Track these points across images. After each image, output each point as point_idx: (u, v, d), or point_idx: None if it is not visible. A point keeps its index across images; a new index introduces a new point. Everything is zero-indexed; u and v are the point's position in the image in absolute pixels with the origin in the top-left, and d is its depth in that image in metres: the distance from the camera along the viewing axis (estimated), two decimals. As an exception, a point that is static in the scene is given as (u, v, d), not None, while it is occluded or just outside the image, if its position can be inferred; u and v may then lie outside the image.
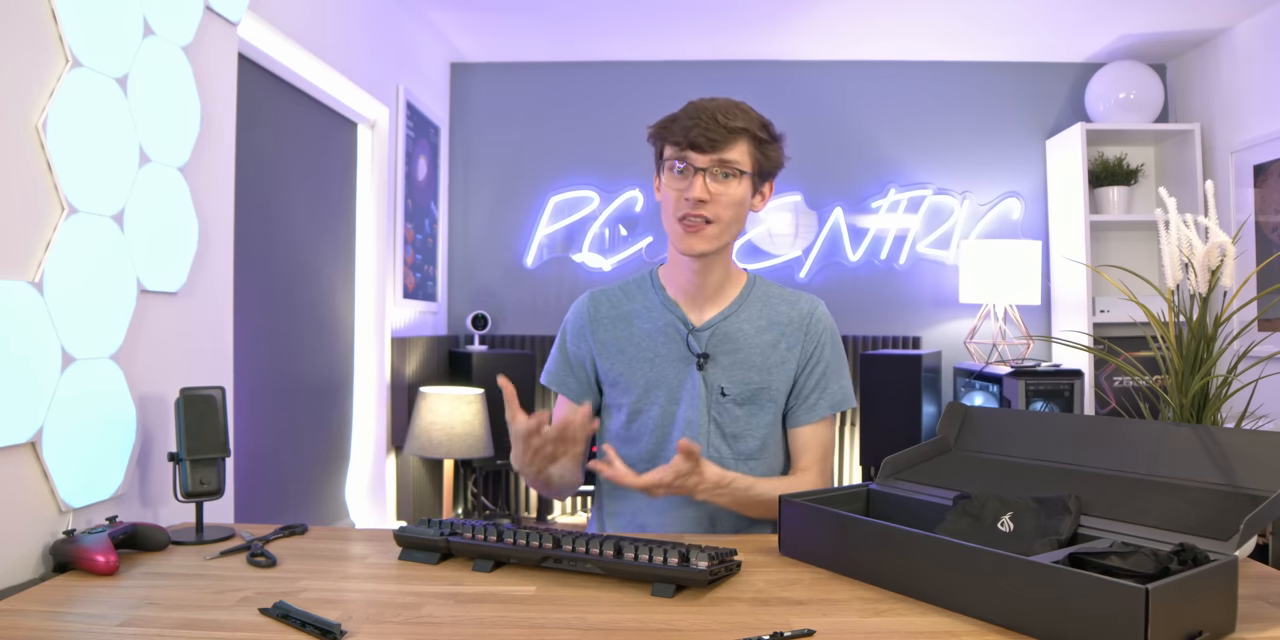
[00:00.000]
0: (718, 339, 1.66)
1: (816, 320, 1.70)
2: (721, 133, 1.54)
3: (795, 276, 4.27)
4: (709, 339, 1.66)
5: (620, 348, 1.69)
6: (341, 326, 3.19)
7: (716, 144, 1.54)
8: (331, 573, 1.31)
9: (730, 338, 1.66)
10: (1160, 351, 1.54)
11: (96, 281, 1.53)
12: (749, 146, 1.58)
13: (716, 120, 1.54)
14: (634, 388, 1.67)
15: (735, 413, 1.64)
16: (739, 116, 1.56)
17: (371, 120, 3.37)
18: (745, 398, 1.64)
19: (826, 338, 1.70)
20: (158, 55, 1.70)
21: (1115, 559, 1.03)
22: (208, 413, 1.55)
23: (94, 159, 1.52)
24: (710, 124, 1.54)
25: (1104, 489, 1.27)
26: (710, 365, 1.65)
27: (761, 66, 4.34)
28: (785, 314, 1.69)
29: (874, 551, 1.22)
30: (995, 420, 1.54)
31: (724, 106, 1.57)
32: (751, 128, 1.57)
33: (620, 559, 1.23)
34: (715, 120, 1.54)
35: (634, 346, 1.68)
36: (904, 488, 1.46)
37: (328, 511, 3.08)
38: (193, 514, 1.56)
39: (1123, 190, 4.08)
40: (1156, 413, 1.55)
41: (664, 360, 1.66)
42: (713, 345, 1.66)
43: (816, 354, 1.68)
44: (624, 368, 1.68)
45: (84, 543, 1.31)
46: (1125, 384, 3.97)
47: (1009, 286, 3.87)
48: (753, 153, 1.58)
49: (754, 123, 1.58)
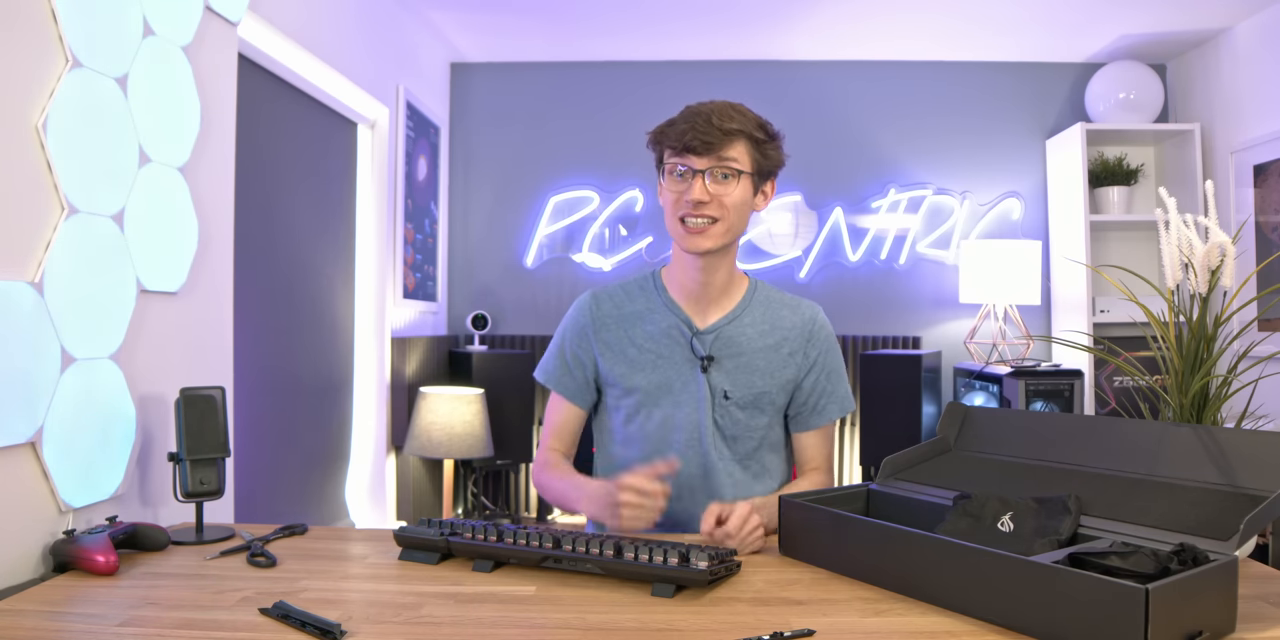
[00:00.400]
0: (722, 343, 1.67)
1: (819, 327, 1.73)
2: (717, 135, 1.55)
3: (795, 276, 4.27)
4: (713, 342, 1.67)
5: (623, 349, 1.70)
6: (341, 326, 3.19)
7: (713, 146, 1.56)
8: (331, 573, 1.31)
9: (734, 342, 1.68)
10: (1160, 351, 1.54)
11: (96, 281, 1.53)
12: (747, 147, 1.59)
13: (711, 123, 1.56)
14: (637, 389, 1.68)
15: (737, 415, 1.66)
16: (735, 118, 1.57)
17: (371, 120, 3.37)
18: (748, 401, 1.66)
19: (829, 344, 1.73)
20: (158, 55, 1.70)
21: (1115, 559, 1.03)
22: (208, 413, 1.55)
23: (94, 159, 1.52)
24: (706, 127, 1.55)
25: (1104, 489, 1.27)
26: (714, 368, 1.66)
27: (762, 67, 4.34)
28: (788, 319, 1.71)
29: (874, 551, 1.22)
30: (995, 420, 1.54)
31: (719, 109, 1.58)
32: (748, 128, 1.58)
33: (620, 559, 1.23)
34: (710, 123, 1.56)
35: (636, 348, 1.69)
36: (904, 488, 1.46)
37: (328, 511, 3.08)
38: (193, 514, 1.56)
39: (1123, 190, 4.08)
40: (1156, 413, 1.55)
41: (668, 363, 1.67)
42: (717, 348, 1.67)
43: (821, 360, 1.71)
44: (626, 369, 1.69)
45: (84, 543, 1.31)
46: (1125, 384, 3.97)
47: (1009, 286, 3.87)
48: (751, 153, 1.59)
49: (750, 123, 1.59)
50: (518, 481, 4.31)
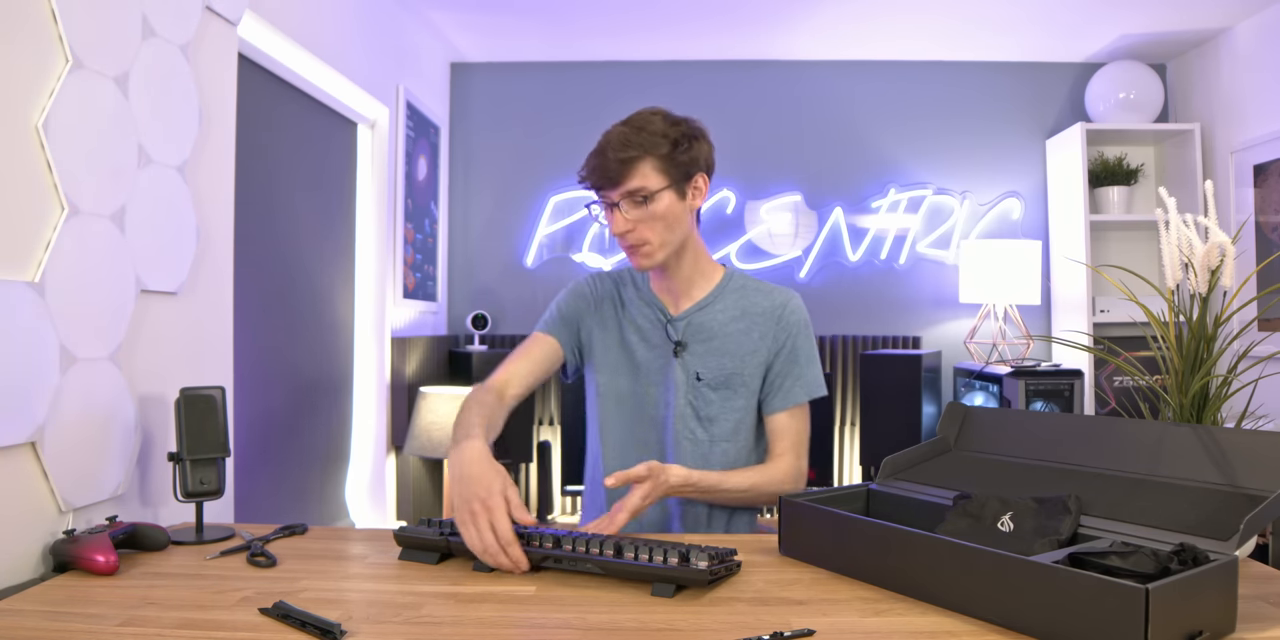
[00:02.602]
0: (693, 329, 1.74)
1: (790, 311, 1.76)
2: (615, 168, 1.59)
3: (795, 276, 4.27)
4: (685, 328, 1.75)
5: (613, 328, 1.79)
6: (341, 326, 3.19)
7: (615, 179, 1.60)
8: (331, 573, 1.31)
9: (704, 327, 1.74)
10: (1160, 351, 1.54)
11: (96, 281, 1.53)
12: (653, 164, 1.60)
13: (608, 156, 1.59)
14: (621, 369, 1.76)
15: (710, 396, 1.72)
16: (631, 143, 1.59)
17: (371, 120, 3.37)
18: (719, 382, 1.72)
19: (799, 328, 1.76)
20: (158, 55, 1.70)
21: (1115, 559, 1.04)
22: (208, 412, 1.56)
23: (94, 159, 1.52)
24: (606, 162, 1.59)
25: (1104, 489, 1.27)
26: (686, 353, 1.73)
27: (762, 66, 4.34)
28: (759, 304, 1.77)
29: (874, 551, 1.22)
30: (995, 420, 1.54)
31: (617, 138, 1.60)
32: (646, 148, 1.59)
33: (620, 559, 1.23)
34: (608, 156, 1.59)
35: (620, 330, 1.78)
36: (904, 488, 1.47)
37: (328, 511, 3.08)
38: (193, 514, 1.56)
39: (1123, 190, 4.08)
40: (1156, 413, 1.55)
41: (646, 346, 1.76)
42: (689, 334, 1.74)
43: (789, 343, 1.75)
44: (612, 346, 1.78)
45: (84, 543, 1.30)
46: (1125, 384, 3.97)
47: (1009, 286, 3.87)
48: (660, 168, 1.61)
49: (652, 138, 1.60)
50: (518, 482, 4.31)
